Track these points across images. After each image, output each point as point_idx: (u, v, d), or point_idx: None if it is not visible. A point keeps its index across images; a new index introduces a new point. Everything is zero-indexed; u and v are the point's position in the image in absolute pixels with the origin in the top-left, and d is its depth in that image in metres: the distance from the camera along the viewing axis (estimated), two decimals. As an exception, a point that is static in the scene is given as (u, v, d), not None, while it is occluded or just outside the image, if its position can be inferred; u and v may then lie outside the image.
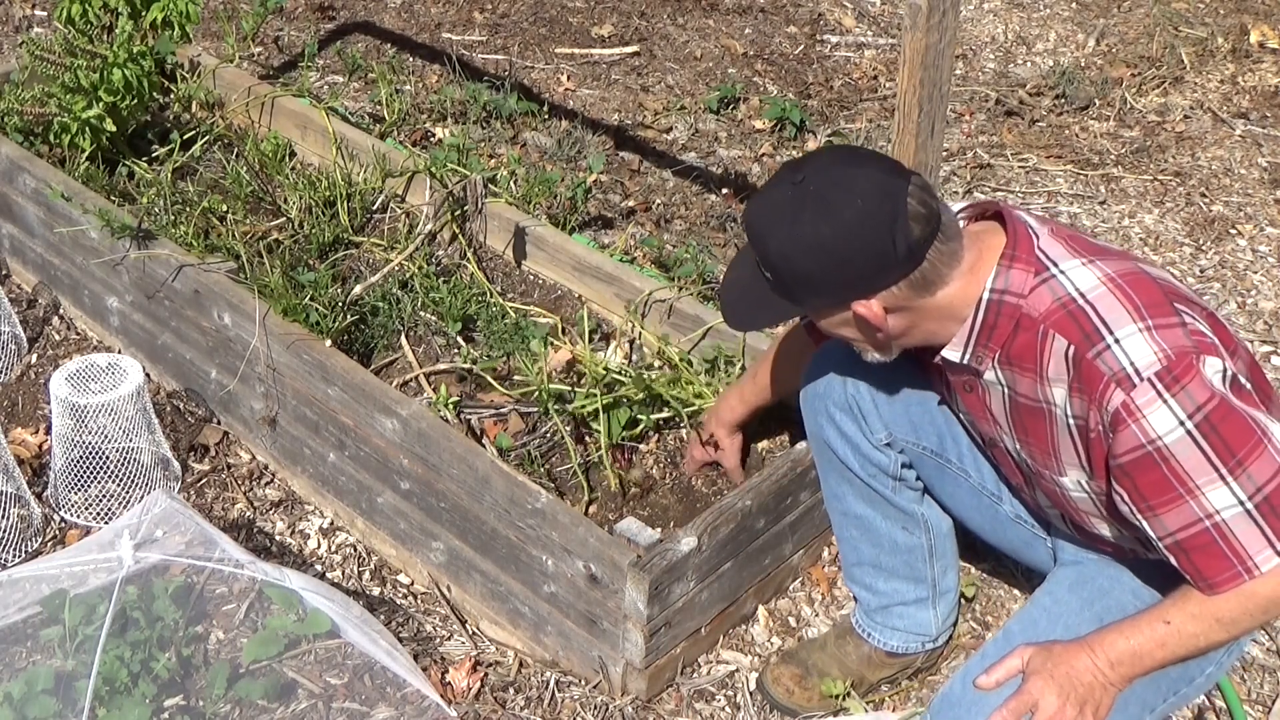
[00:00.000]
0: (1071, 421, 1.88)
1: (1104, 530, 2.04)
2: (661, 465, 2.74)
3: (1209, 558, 1.80)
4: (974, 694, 1.92)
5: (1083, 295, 1.85)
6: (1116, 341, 1.80)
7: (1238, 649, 2.06)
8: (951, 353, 1.96)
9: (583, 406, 2.68)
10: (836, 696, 2.45)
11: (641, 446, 2.76)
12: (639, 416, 2.73)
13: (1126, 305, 1.82)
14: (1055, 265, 1.88)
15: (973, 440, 2.23)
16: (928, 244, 1.84)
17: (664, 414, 2.76)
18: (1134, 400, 1.77)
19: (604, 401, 2.67)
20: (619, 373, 2.81)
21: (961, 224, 1.99)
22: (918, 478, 2.33)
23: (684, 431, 2.78)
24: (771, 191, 1.91)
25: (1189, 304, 1.87)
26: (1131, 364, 1.78)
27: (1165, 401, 1.75)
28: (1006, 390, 1.96)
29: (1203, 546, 1.80)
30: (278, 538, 2.84)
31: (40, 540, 2.80)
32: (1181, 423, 1.75)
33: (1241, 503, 1.76)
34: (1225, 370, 1.79)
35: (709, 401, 2.72)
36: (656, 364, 2.96)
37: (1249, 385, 1.83)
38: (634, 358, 2.99)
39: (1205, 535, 1.79)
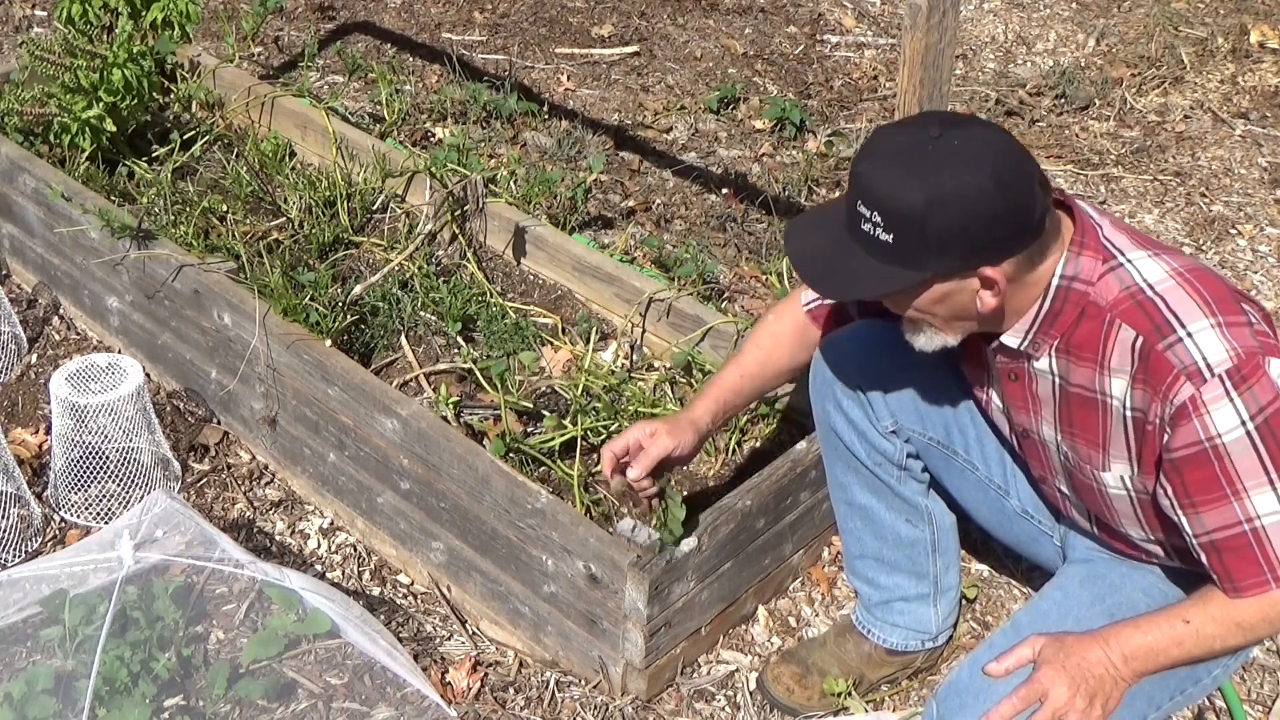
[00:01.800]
0: (1129, 414, 1.87)
1: (1131, 531, 2.03)
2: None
3: (1241, 561, 1.80)
4: (982, 681, 1.92)
5: (1151, 286, 1.83)
6: (1189, 335, 1.79)
7: (1243, 653, 2.06)
8: (1011, 339, 1.93)
9: (545, 441, 2.67)
10: (838, 694, 2.45)
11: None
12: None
13: (1197, 300, 1.81)
14: (1123, 254, 1.87)
15: (998, 433, 2.21)
16: (1049, 211, 1.82)
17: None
18: (1202, 395, 1.76)
19: (583, 428, 2.67)
20: (606, 385, 2.80)
21: None
22: (924, 469, 2.33)
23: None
24: (900, 144, 1.80)
25: (1250, 304, 1.87)
26: (1204, 359, 1.77)
27: (1231, 400, 1.75)
28: (1058, 380, 1.94)
29: (1237, 549, 1.80)
30: (278, 538, 2.84)
31: (40, 540, 2.80)
32: (1243, 422, 1.75)
33: None
34: None
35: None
36: (661, 365, 2.96)
37: None
38: (634, 358, 2.99)
39: (1242, 538, 1.79)
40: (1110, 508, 2.02)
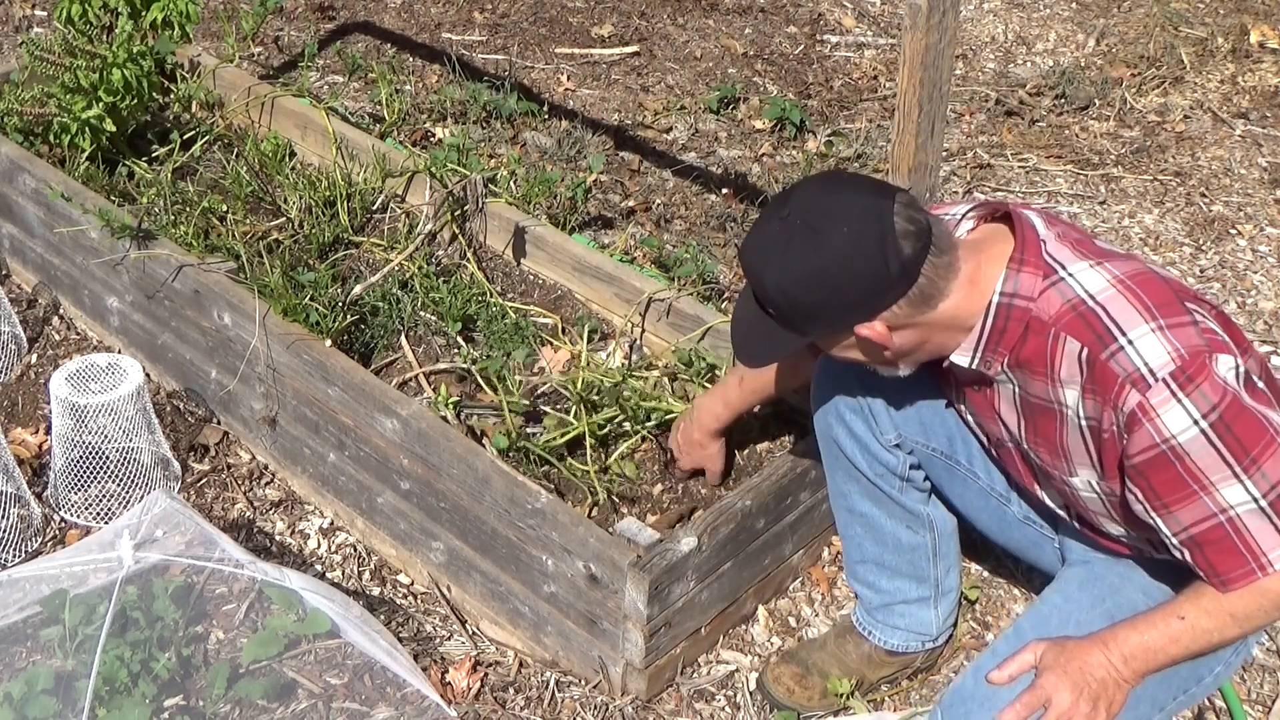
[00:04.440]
0: (1084, 423, 1.88)
1: (1112, 529, 2.04)
2: (658, 467, 2.74)
3: (1222, 553, 1.81)
4: (986, 689, 1.92)
5: (1092, 297, 1.85)
6: (1130, 342, 1.80)
7: (1245, 650, 2.06)
8: (960, 358, 1.96)
9: (551, 440, 2.67)
10: (840, 695, 2.45)
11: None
12: (627, 428, 2.73)
13: (1137, 306, 1.83)
14: (1064, 268, 1.88)
15: (979, 441, 2.23)
16: (921, 259, 1.84)
17: (650, 424, 2.75)
18: (1149, 400, 1.77)
19: (588, 424, 2.67)
20: (609, 383, 2.80)
21: (970, 224, 1.99)
22: (925, 478, 2.33)
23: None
24: (761, 229, 1.92)
25: (1198, 303, 1.88)
26: (1146, 364, 1.78)
27: (1180, 401, 1.76)
28: (1017, 389, 1.96)
29: (1216, 541, 1.80)
30: (278, 538, 2.84)
31: (40, 540, 2.80)
32: (1196, 421, 1.76)
33: (1255, 499, 1.77)
34: (1238, 368, 1.79)
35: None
36: (660, 363, 2.96)
37: (1261, 383, 1.84)
38: (634, 358, 2.99)
39: (1219, 530, 1.79)
40: (1086, 509, 2.03)
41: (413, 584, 2.75)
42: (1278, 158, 4.35)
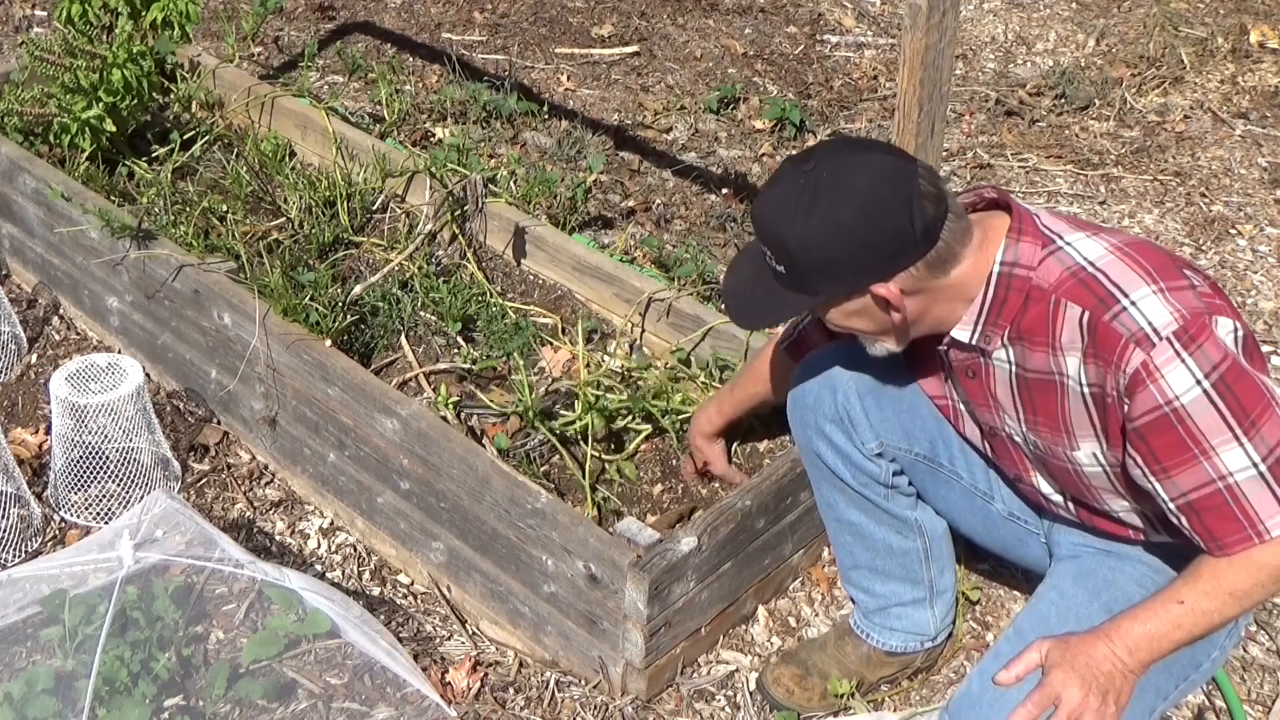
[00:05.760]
0: (1086, 390, 1.89)
1: (1113, 504, 2.04)
2: (657, 467, 2.74)
3: (1220, 519, 1.82)
4: (994, 691, 1.92)
5: (1092, 263, 1.87)
6: (1133, 303, 1.81)
7: (1237, 634, 2.08)
8: (961, 332, 1.96)
9: (569, 424, 2.68)
10: (841, 696, 2.45)
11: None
12: (632, 427, 2.72)
13: (1136, 270, 1.84)
14: (1061, 237, 1.91)
15: (962, 436, 2.22)
16: (941, 222, 1.86)
17: (649, 427, 2.75)
18: (1154, 360, 1.78)
19: (594, 419, 2.67)
20: (613, 382, 2.80)
21: None
22: (910, 484, 2.33)
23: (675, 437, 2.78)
24: (781, 184, 1.90)
25: (1194, 270, 1.90)
26: (1150, 323, 1.79)
27: (1183, 360, 1.77)
28: (1014, 368, 1.97)
29: (1214, 507, 1.82)
30: (278, 538, 2.84)
31: (40, 540, 2.80)
32: (1198, 381, 1.77)
33: (1255, 464, 1.78)
34: (1236, 330, 1.82)
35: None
36: (660, 363, 2.96)
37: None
38: (634, 358, 2.99)
39: (1217, 496, 1.81)
40: (1090, 487, 2.03)
41: (413, 584, 2.75)
42: (1278, 158, 4.35)
